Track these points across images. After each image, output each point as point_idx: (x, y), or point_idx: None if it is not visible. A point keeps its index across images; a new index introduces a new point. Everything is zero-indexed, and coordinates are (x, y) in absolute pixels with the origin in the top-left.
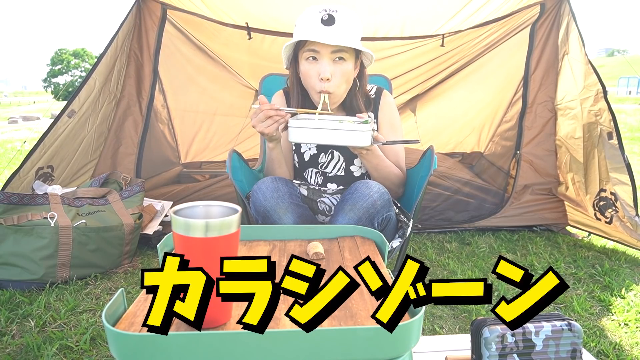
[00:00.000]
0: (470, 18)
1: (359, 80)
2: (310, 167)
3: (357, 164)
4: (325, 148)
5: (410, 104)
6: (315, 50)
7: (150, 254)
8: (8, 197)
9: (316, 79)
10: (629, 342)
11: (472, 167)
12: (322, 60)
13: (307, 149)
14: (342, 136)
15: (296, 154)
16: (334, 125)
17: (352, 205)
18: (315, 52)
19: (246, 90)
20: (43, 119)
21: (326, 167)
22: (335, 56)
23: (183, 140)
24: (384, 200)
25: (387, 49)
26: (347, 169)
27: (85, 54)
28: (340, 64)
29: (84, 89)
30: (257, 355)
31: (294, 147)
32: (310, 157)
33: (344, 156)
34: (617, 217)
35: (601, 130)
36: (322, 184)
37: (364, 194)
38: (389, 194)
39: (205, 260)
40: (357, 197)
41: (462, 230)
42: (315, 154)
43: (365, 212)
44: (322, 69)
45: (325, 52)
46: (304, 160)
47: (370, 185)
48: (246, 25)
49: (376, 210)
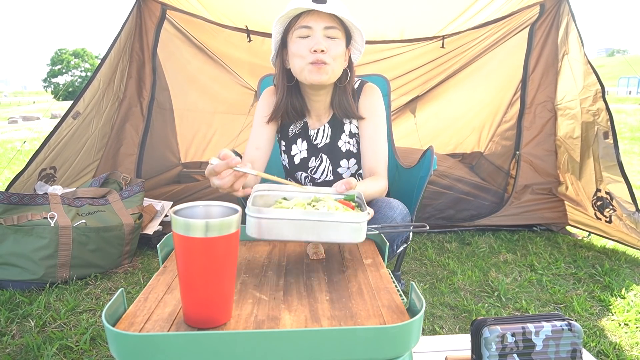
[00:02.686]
0: (471, 20)
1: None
2: (300, 170)
3: (343, 165)
4: (316, 152)
5: (410, 105)
6: (307, 26)
7: (150, 254)
8: (8, 197)
9: (308, 53)
10: (629, 342)
11: (472, 166)
12: (315, 35)
13: (298, 151)
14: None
15: (286, 155)
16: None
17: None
18: (308, 29)
19: (246, 90)
20: (43, 119)
21: (315, 172)
22: (329, 32)
23: (183, 140)
24: (406, 222)
25: (387, 50)
26: (335, 172)
27: (85, 54)
28: (333, 41)
29: (88, 91)
30: (257, 355)
31: (284, 147)
32: (301, 161)
33: (330, 158)
34: (616, 215)
35: (598, 130)
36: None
37: (387, 215)
38: (409, 215)
39: (205, 260)
40: (380, 219)
41: (462, 230)
42: (305, 157)
43: (387, 234)
44: (316, 41)
45: (318, 28)
46: (294, 164)
47: (393, 205)
48: (246, 28)
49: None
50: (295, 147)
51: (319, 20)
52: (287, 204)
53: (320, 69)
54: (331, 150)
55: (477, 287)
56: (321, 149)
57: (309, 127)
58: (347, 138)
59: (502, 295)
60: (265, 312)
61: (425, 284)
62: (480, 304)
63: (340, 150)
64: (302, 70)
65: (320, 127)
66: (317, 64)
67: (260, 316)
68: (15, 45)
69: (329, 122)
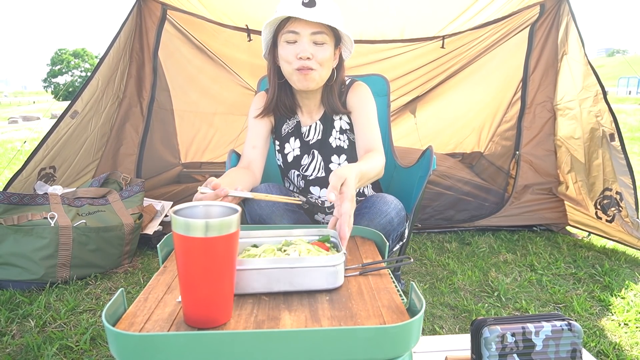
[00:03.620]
0: (471, 20)
1: (337, 71)
2: (292, 168)
3: (334, 161)
4: (308, 148)
5: (410, 105)
6: (294, 31)
7: (150, 254)
8: (8, 197)
9: (294, 59)
10: (629, 342)
11: (472, 167)
12: (302, 40)
13: (291, 149)
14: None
15: (281, 155)
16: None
17: (368, 221)
18: (295, 34)
19: (246, 90)
20: (43, 119)
21: (306, 170)
22: (316, 38)
23: (183, 140)
24: (401, 217)
25: (387, 50)
26: (327, 168)
27: (85, 54)
28: (320, 47)
29: (86, 90)
30: (257, 355)
31: (278, 147)
32: (294, 159)
33: (322, 154)
34: (620, 216)
35: (603, 132)
36: (304, 187)
37: (382, 210)
38: (404, 210)
39: (205, 260)
40: (374, 214)
41: (462, 230)
42: (298, 155)
43: (382, 229)
44: (302, 48)
45: (305, 33)
46: (288, 162)
47: (388, 201)
48: (246, 27)
49: (392, 227)
50: (288, 145)
51: (306, 26)
52: (256, 252)
53: (306, 76)
54: (323, 146)
55: (477, 287)
56: (313, 145)
57: (302, 125)
58: (338, 134)
59: (502, 295)
60: (265, 312)
61: (425, 284)
62: (480, 304)
63: (331, 146)
64: (290, 75)
65: (312, 124)
66: (303, 70)
67: (260, 316)
68: (15, 45)
69: (321, 119)
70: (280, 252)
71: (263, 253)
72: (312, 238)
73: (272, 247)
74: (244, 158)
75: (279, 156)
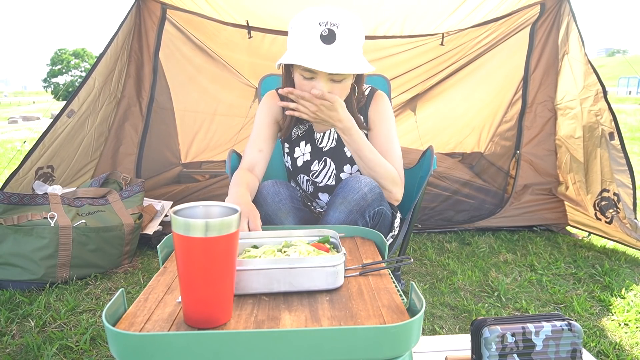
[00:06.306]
0: (470, 15)
1: (356, 84)
2: (302, 173)
3: (346, 170)
4: (320, 155)
5: (410, 103)
6: (311, 71)
7: (150, 254)
8: (8, 197)
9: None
10: (629, 342)
11: (472, 167)
12: (319, 79)
13: (301, 154)
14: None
15: (290, 157)
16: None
17: (342, 199)
18: (312, 73)
19: (246, 90)
20: (43, 119)
21: (317, 177)
22: (334, 77)
23: (183, 140)
24: (375, 194)
25: (387, 48)
26: (337, 177)
27: (85, 54)
28: (339, 83)
29: (83, 89)
30: (257, 355)
31: (287, 150)
32: (304, 163)
33: (335, 162)
34: (618, 217)
35: (602, 131)
36: (313, 192)
37: (354, 187)
38: (380, 188)
39: (205, 260)
40: (348, 191)
41: (462, 230)
42: (308, 160)
43: (355, 205)
44: (319, 86)
45: (322, 74)
46: (297, 166)
47: (360, 179)
48: (246, 23)
49: (367, 203)
50: (298, 149)
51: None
52: (256, 252)
53: None
54: (336, 155)
55: (477, 287)
56: (326, 152)
57: (315, 130)
58: None
59: (502, 295)
60: (265, 312)
61: (425, 284)
62: (480, 304)
63: (345, 155)
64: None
65: (327, 131)
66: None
67: (260, 316)
68: (15, 45)
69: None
70: (281, 253)
71: (263, 254)
72: (312, 239)
73: (272, 248)
74: (248, 160)
75: (288, 159)
